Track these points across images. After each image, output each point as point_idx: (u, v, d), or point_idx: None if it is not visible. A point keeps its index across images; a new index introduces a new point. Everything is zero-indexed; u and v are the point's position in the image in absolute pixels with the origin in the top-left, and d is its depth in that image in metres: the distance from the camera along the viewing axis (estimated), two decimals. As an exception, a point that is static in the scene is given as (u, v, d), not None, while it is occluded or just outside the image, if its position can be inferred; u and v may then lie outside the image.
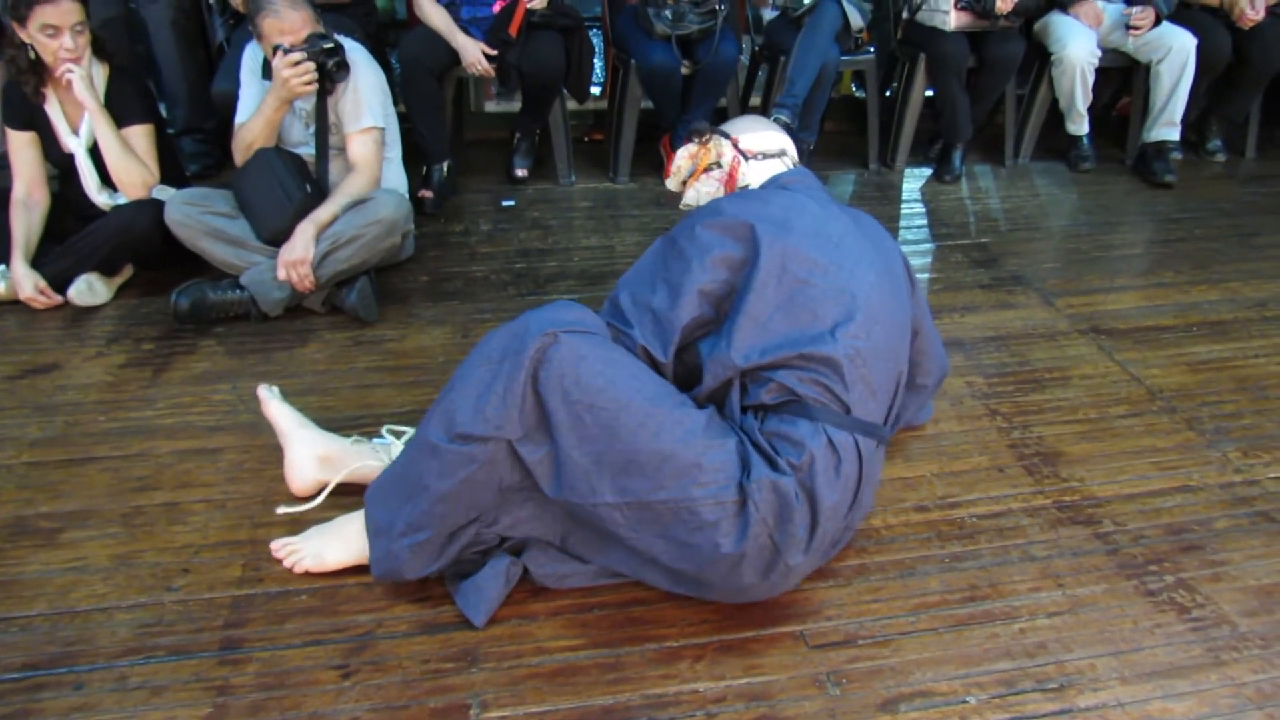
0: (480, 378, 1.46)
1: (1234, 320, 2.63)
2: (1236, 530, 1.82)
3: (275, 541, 1.68)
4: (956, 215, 3.38)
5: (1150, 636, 1.58)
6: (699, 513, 1.41)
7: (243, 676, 1.46)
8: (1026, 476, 1.97)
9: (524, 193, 3.45)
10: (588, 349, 1.44)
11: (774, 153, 1.81)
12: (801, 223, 1.57)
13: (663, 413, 1.43)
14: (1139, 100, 3.78)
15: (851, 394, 1.49)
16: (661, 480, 1.41)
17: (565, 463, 1.45)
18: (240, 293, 2.45)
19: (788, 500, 1.42)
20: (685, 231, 1.60)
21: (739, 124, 1.88)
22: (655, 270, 1.61)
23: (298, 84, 2.40)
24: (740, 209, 1.59)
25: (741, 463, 1.44)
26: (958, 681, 1.49)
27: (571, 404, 1.42)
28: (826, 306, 1.51)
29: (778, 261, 1.52)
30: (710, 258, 1.55)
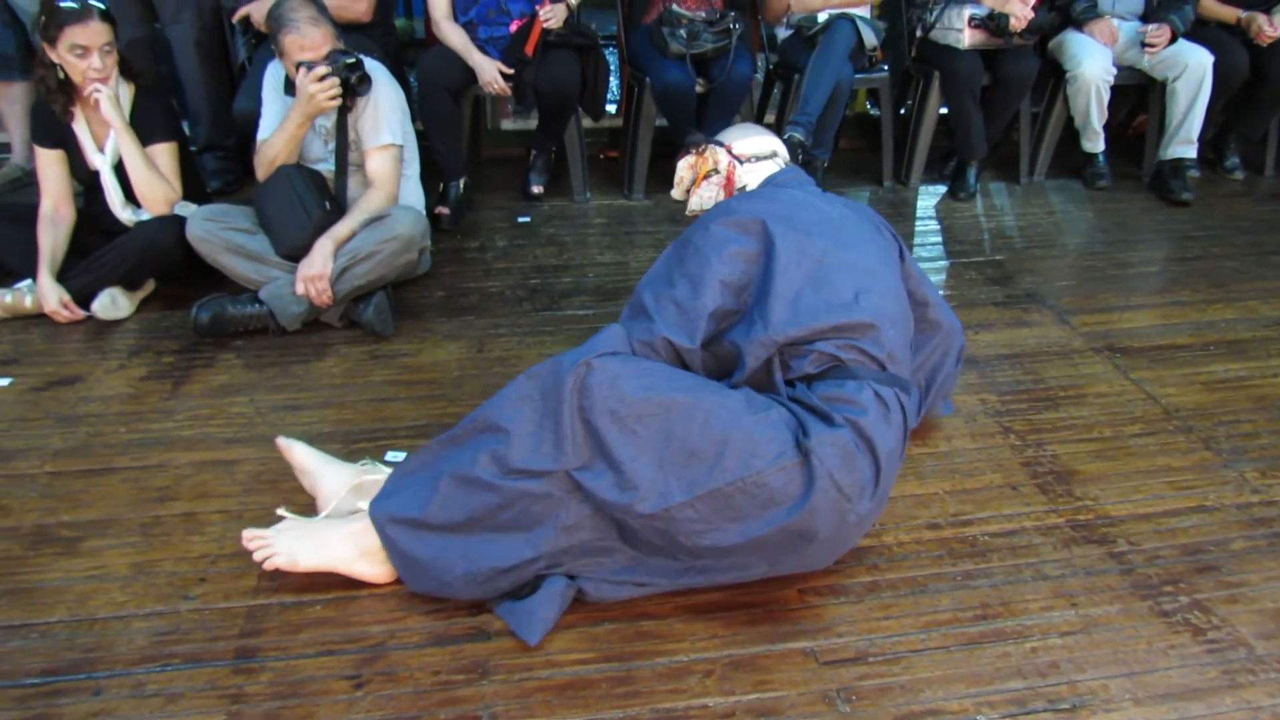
0: (528, 416, 1.52)
1: (1251, 339, 2.61)
2: (1254, 551, 1.81)
3: (246, 532, 1.64)
4: (971, 232, 3.38)
5: (1165, 658, 1.56)
6: (766, 483, 1.46)
7: (256, 685, 1.47)
8: (1040, 495, 1.96)
9: (539, 209, 3.48)
10: (620, 367, 1.52)
11: (765, 155, 1.95)
12: (804, 213, 1.71)
13: (706, 401, 1.51)
14: (1155, 118, 3.78)
15: (883, 353, 1.61)
16: (724, 464, 1.47)
17: (631, 478, 1.49)
18: (259, 307, 2.48)
19: (849, 450, 1.49)
20: (699, 230, 1.72)
21: (731, 132, 2.03)
22: (673, 267, 1.71)
23: (323, 99, 2.44)
24: (749, 206, 1.72)
25: (795, 425, 1.52)
26: (969, 700, 1.48)
27: (621, 420, 1.48)
28: (845, 278, 1.63)
29: (794, 246, 1.63)
30: (727, 251, 1.66)
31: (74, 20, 2.41)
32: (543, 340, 2.55)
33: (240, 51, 3.24)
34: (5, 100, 3.40)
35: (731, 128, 2.05)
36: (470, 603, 1.63)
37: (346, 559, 1.63)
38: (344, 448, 1.94)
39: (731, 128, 2.05)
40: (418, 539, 1.57)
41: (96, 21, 2.44)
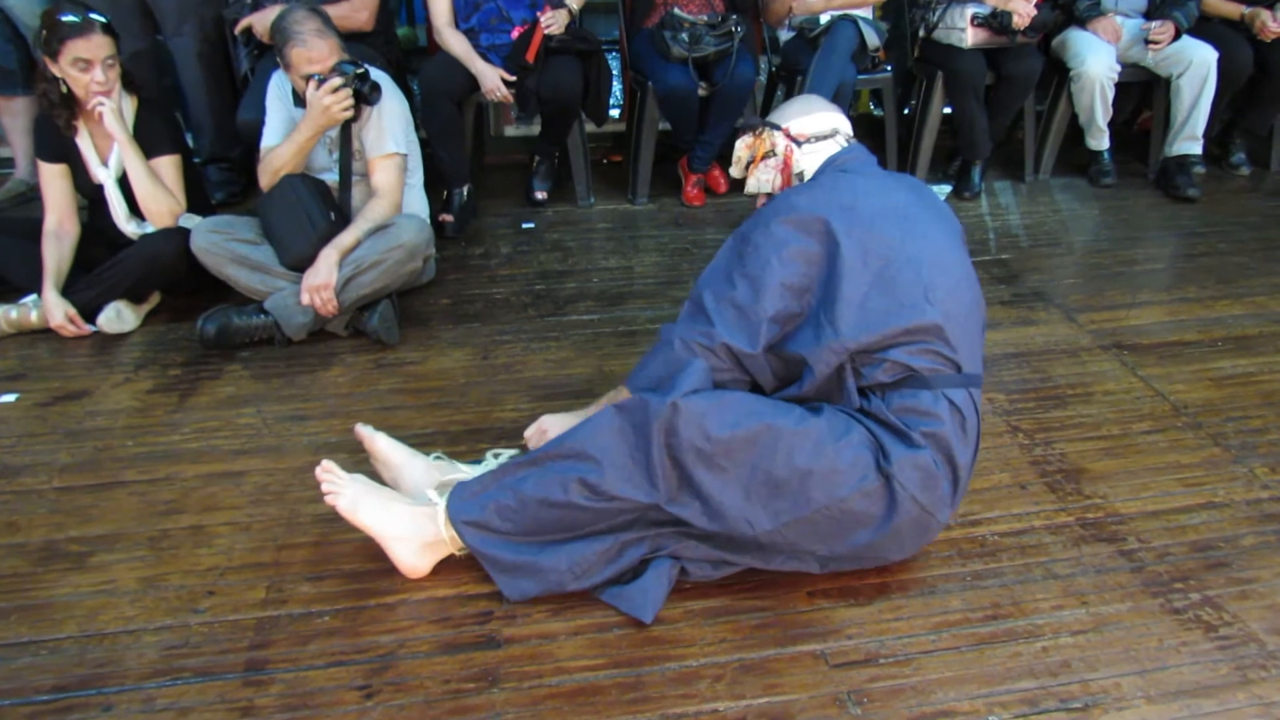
0: (618, 448, 1.55)
1: (1259, 335, 2.60)
2: (1264, 547, 1.80)
3: (324, 463, 1.68)
4: (977, 232, 3.37)
5: (1176, 655, 1.56)
6: (850, 508, 1.55)
7: (266, 697, 1.47)
8: (1049, 493, 1.95)
9: (543, 215, 3.48)
10: (704, 405, 1.53)
11: (826, 134, 1.83)
12: (870, 204, 1.65)
13: (789, 433, 1.53)
14: (1160, 114, 3.77)
15: (959, 353, 1.60)
16: (808, 494, 1.53)
17: (718, 509, 1.55)
18: (265, 318, 2.49)
19: (929, 471, 1.55)
20: (760, 228, 1.67)
21: (788, 110, 1.90)
22: (732, 266, 1.68)
23: (337, 110, 2.45)
24: (810, 202, 1.66)
25: (875, 447, 1.56)
26: (980, 700, 1.47)
27: (707, 457, 1.52)
28: (913, 275, 1.59)
29: (859, 246, 1.60)
30: (787, 251, 1.63)
31: (76, 34, 2.42)
32: (548, 346, 2.55)
33: (243, 63, 3.25)
34: (8, 115, 3.41)
35: (788, 104, 1.93)
36: (478, 611, 1.63)
37: (397, 536, 1.65)
38: (350, 458, 1.94)
39: (788, 104, 1.93)
40: (509, 547, 1.61)
41: (98, 35, 2.45)
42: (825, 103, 1.90)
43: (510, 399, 2.28)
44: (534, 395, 2.28)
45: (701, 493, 1.54)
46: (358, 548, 1.74)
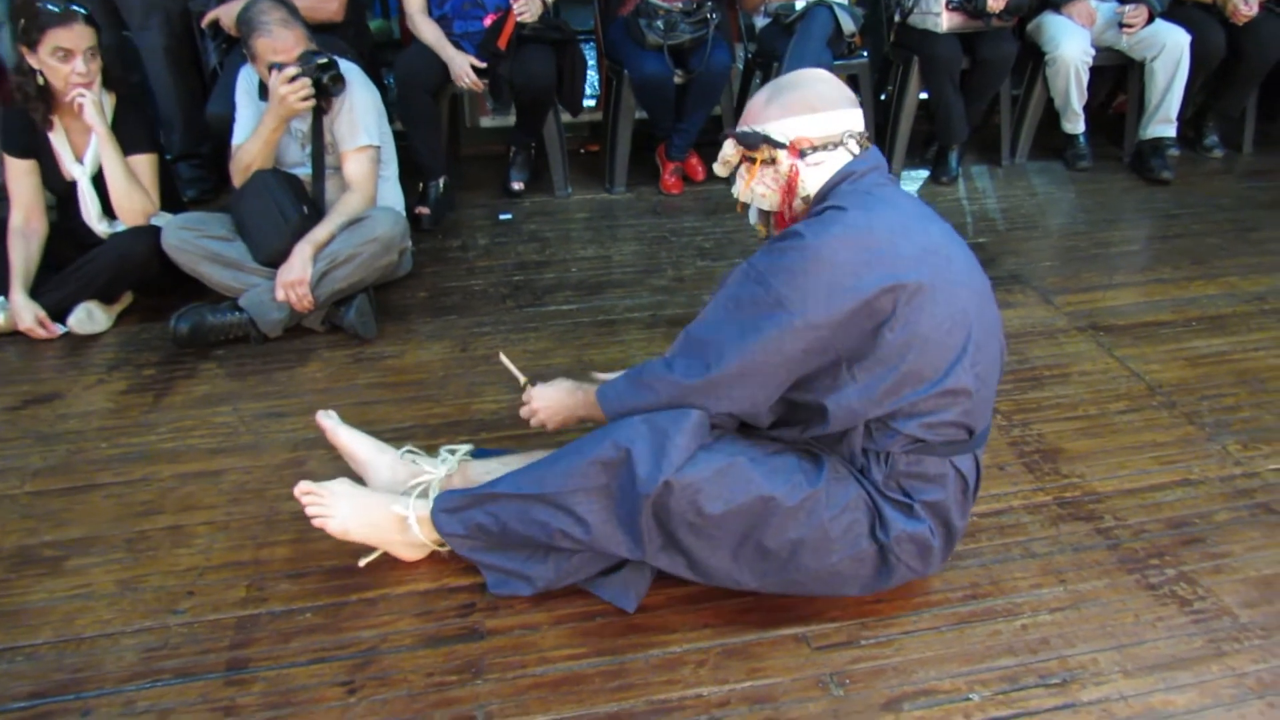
0: (601, 508, 1.49)
1: (1233, 314, 2.63)
2: (1237, 522, 1.82)
3: (302, 484, 1.63)
4: (954, 216, 3.38)
5: (1152, 629, 1.57)
6: (840, 572, 1.51)
7: (249, 696, 1.47)
8: (1027, 474, 1.97)
9: (521, 206, 3.47)
10: (698, 479, 1.43)
11: (835, 140, 1.52)
12: (905, 247, 1.42)
13: (786, 509, 1.45)
14: (1134, 98, 3.79)
15: (979, 416, 1.51)
16: (799, 561, 1.49)
17: (704, 569, 1.52)
18: (239, 315, 2.47)
19: (926, 542, 1.51)
20: (782, 280, 1.41)
21: (789, 102, 1.53)
22: (746, 321, 1.44)
23: (295, 100, 2.43)
24: (833, 247, 1.40)
25: (873, 514, 1.50)
26: (961, 679, 1.49)
27: (699, 530, 1.47)
28: (952, 332, 1.43)
29: (895, 303, 1.39)
30: (813, 319, 1.40)
31: (57, 23, 2.37)
32: (527, 337, 2.54)
33: (211, 56, 3.22)
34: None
35: (793, 87, 1.54)
36: (460, 603, 1.63)
37: (395, 544, 1.66)
38: (328, 454, 1.92)
39: (793, 87, 1.54)
40: (497, 555, 1.61)
41: (80, 24, 2.40)
42: (832, 88, 1.55)
43: (490, 391, 2.27)
44: (514, 387, 2.25)
45: (688, 555, 1.50)
46: (338, 544, 1.72)
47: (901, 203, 1.51)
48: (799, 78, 1.56)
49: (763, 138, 1.53)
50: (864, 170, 1.52)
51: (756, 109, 1.56)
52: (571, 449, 1.53)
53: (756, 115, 1.56)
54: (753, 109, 1.57)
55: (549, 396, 1.74)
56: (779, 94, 1.54)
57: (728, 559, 1.50)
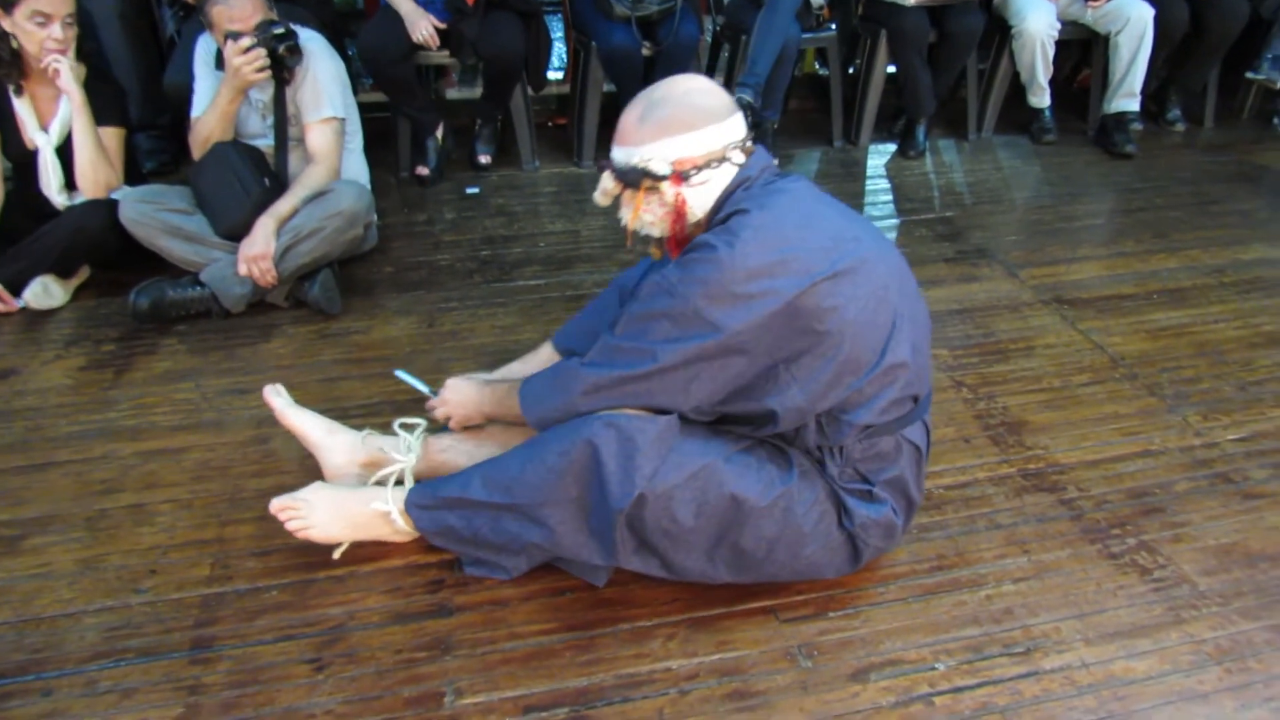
0: (572, 519, 1.49)
1: (1193, 287, 2.67)
2: (1196, 492, 1.86)
3: (276, 500, 1.60)
4: (921, 190, 3.39)
5: (1113, 598, 1.60)
6: (814, 561, 1.54)
7: (214, 675, 1.45)
8: (992, 446, 1.99)
9: (488, 179, 3.43)
10: (671, 485, 1.42)
11: (719, 156, 1.44)
12: (815, 238, 1.40)
13: (759, 510, 1.46)
14: (1099, 72, 3.81)
15: (920, 382, 1.51)
16: (774, 556, 1.51)
17: (679, 569, 1.52)
18: (201, 290, 2.42)
19: (890, 522, 1.54)
20: (697, 292, 1.37)
21: (664, 120, 1.42)
22: (668, 332, 1.41)
23: (249, 71, 2.37)
24: (742, 259, 1.35)
25: (837, 505, 1.52)
26: (926, 649, 1.51)
27: (674, 536, 1.47)
28: (878, 313, 1.42)
29: (817, 303, 1.37)
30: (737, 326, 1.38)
31: None
32: (495, 312, 2.52)
33: (169, 24, 3.13)
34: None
35: (661, 104, 1.43)
36: (429, 580, 1.62)
37: (380, 535, 1.66)
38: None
39: (661, 104, 1.43)
40: (472, 548, 1.60)
41: None
42: (710, 98, 1.44)
43: (457, 367, 2.25)
44: (481, 362, 2.25)
45: (662, 557, 1.50)
46: (304, 521, 1.71)
47: (800, 193, 1.46)
48: (672, 91, 1.44)
49: (642, 172, 1.43)
50: (756, 174, 1.47)
51: (629, 129, 1.44)
52: (535, 454, 1.48)
53: (630, 136, 1.44)
54: (625, 129, 1.45)
55: (461, 390, 1.72)
56: (653, 111, 1.42)
57: (702, 559, 1.50)
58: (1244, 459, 1.95)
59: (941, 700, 1.42)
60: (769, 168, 1.50)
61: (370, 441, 1.75)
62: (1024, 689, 1.44)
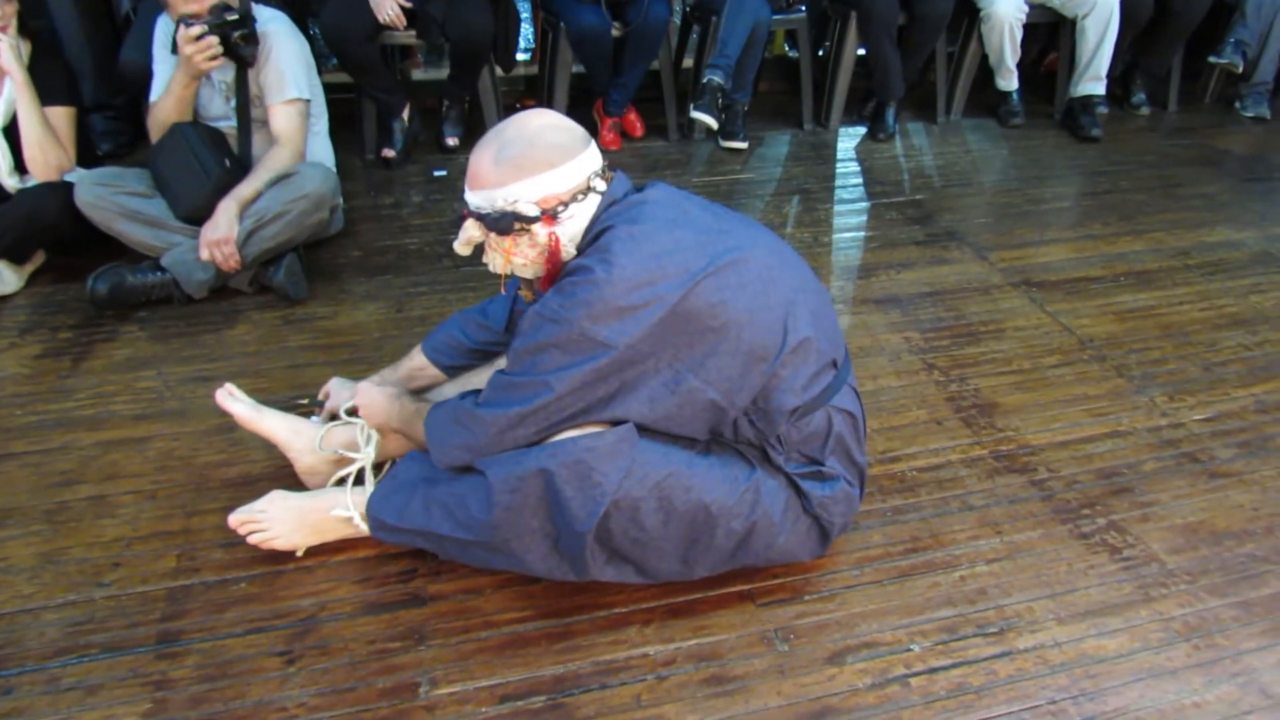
0: (539, 546, 1.45)
1: (1159, 269, 2.70)
2: (1163, 472, 1.88)
3: (235, 514, 1.58)
4: (891, 173, 3.40)
5: (1084, 577, 1.62)
6: (788, 550, 1.54)
7: (182, 669, 1.42)
8: (964, 428, 2.00)
9: (456, 162, 3.38)
10: (637, 499, 1.40)
11: (583, 188, 1.41)
12: (686, 238, 1.38)
13: (727, 510, 1.45)
14: (1066, 55, 3.84)
15: (836, 348, 1.52)
16: (749, 547, 1.51)
17: (654, 572, 1.50)
18: (161, 275, 2.36)
19: (846, 494, 1.55)
20: (581, 314, 1.34)
21: (521, 160, 1.37)
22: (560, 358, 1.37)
23: (200, 60, 2.30)
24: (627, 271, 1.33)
25: (796, 492, 1.52)
26: (902, 631, 1.51)
27: (644, 544, 1.45)
28: (768, 295, 1.41)
29: (710, 298, 1.36)
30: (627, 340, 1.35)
31: None
32: (464, 297, 2.48)
33: (124, 2, 3.03)
34: None
35: (516, 145, 1.38)
36: (402, 569, 1.60)
37: (343, 534, 1.63)
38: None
39: (516, 145, 1.38)
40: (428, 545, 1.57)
41: None
42: (563, 134, 1.40)
43: (428, 352, 2.22)
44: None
45: (636, 564, 1.48)
46: (272, 511, 1.68)
47: (662, 200, 1.44)
48: (523, 130, 1.39)
49: (512, 216, 1.38)
50: (620, 194, 1.44)
51: (485, 172, 1.38)
52: (486, 494, 1.42)
53: (486, 178, 1.38)
54: (480, 172, 1.39)
55: (375, 398, 1.64)
56: (507, 151, 1.37)
57: (677, 562, 1.49)
58: (1209, 439, 1.98)
59: (917, 681, 1.43)
60: (629, 189, 1.47)
61: (329, 442, 1.72)
62: (998, 669, 1.45)
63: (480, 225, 1.42)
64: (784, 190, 3.19)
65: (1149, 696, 1.41)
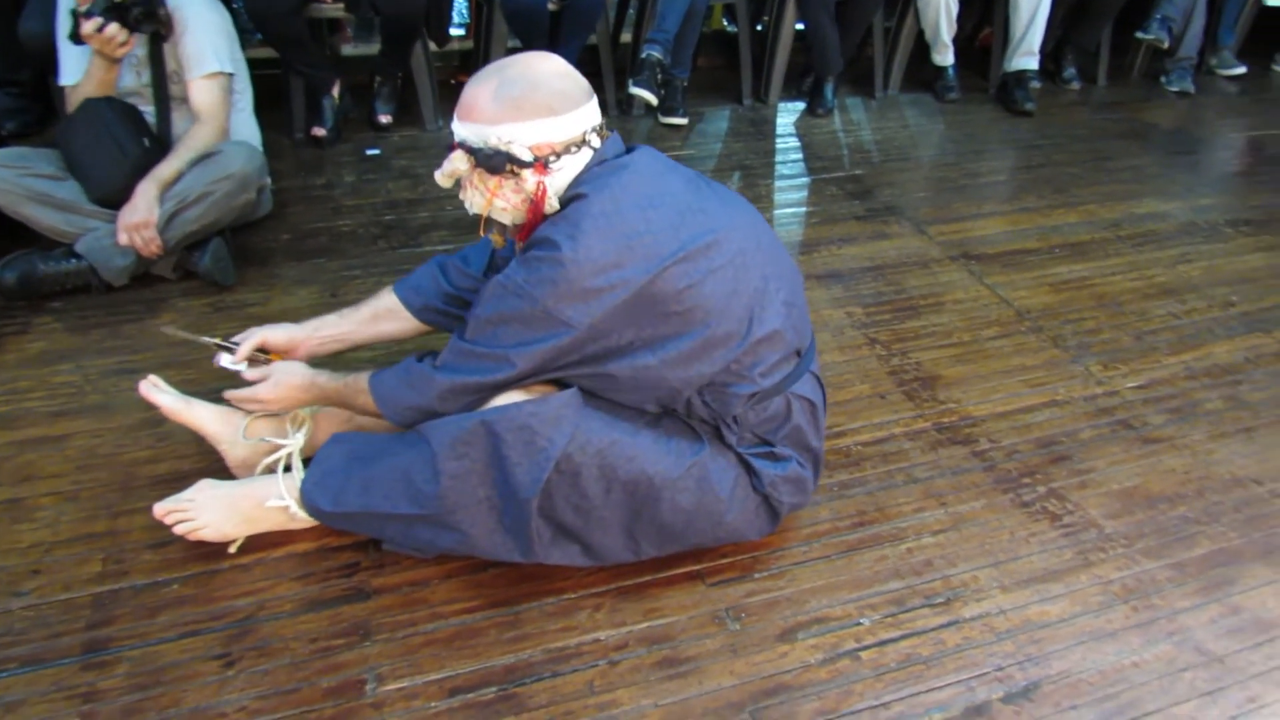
0: (484, 519, 1.43)
1: (1091, 241, 2.75)
2: (1099, 439, 1.92)
3: (160, 505, 1.52)
4: (830, 148, 3.40)
5: (1026, 545, 1.65)
6: (735, 528, 1.53)
7: (112, 679, 1.36)
8: (907, 402, 2.02)
9: (389, 140, 3.28)
10: (578, 465, 1.38)
11: (578, 141, 1.36)
12: (659, 219, 1.33)
13: (671, 483, 1.44)
14: (1000, 31, 3.88)
15: (802, 337, 1.51)
16: (695, 526, 1.49)
17: (599, 550, 1.48)
18: (77, 262, 2.24)
19: (798, 476, 1.54)
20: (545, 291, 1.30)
21: (518, 104, 1.32)
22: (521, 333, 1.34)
23: (111, 50, 2.18)
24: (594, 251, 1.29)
25: (746, 469, 1.51)
26: (851, 605, 1.52)
27: (586, 514, 1.43)
28: (741, 280, 1.39)
29: (677, 283, 1.33)
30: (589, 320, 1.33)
31: None
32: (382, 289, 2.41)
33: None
34: None
35: (519, 86, 1.32)
36: (344, 563, 1.56)
37: (278, 523, 1.57)
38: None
39: (519, 86, 1.32)
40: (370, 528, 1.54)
41: None
42: (570, 83, 1.36)
43: (364, 338, 2.15)
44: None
45: (581, 540, 1.46)
46: (204, 507, 1.61)
47: (643, 168, 1.38)
48: (529, 71, 1.33)
49: (505, 156, 1.33)
50: (610, 154, 1.39)
51: (481, 105, 1.33)
52: (431, 461, 1.39)
53: (482, 112, 1.33)
54: (476, 104, 1.33)
55: (294, 376, 1.56)
56: (508, 89, 1.32)
57: (622, 537, 1.48)
58: (1142, 405, 2.02)
59: (868, 654, 1.44)
60: (620, 151, 1.42)
61: (253, 430, 1.65)
62: (946, 638, 1.47)
63: (470, 159, 1.36)
64: (724, 166, 3.17)
65: (1090, 659, 1.44)
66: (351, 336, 1.71)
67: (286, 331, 1.67)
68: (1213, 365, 2.17)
